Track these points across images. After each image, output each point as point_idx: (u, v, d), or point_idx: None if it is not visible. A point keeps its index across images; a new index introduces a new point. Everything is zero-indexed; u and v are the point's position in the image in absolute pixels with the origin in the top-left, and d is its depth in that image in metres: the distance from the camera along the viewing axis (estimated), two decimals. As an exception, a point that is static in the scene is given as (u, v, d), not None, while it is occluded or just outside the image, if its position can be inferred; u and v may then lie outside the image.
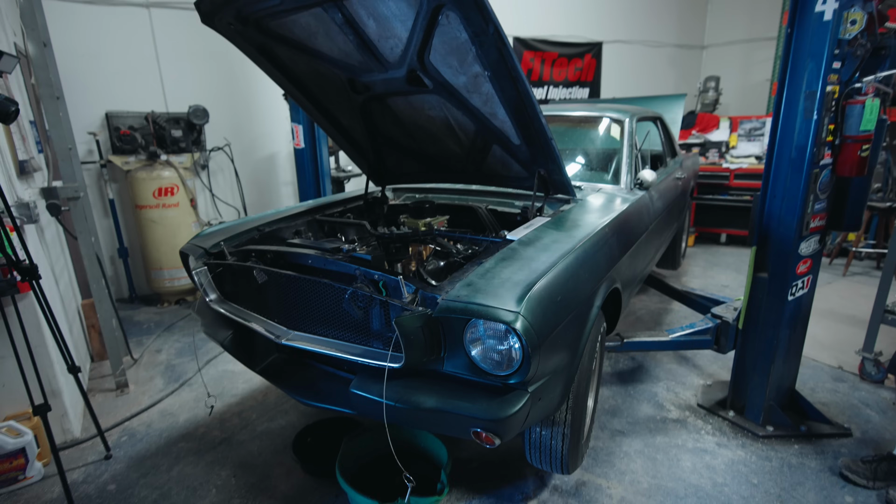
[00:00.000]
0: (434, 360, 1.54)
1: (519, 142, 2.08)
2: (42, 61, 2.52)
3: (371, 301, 1.64)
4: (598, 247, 1.92)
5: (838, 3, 1.88)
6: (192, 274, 2.15)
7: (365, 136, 2.57)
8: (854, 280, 4.70)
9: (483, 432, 1.44)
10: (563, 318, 1.56)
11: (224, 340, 2.05)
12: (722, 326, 2.54)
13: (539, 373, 1.48)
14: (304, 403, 1.82)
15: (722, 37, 7.88)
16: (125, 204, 4.47)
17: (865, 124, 1.99)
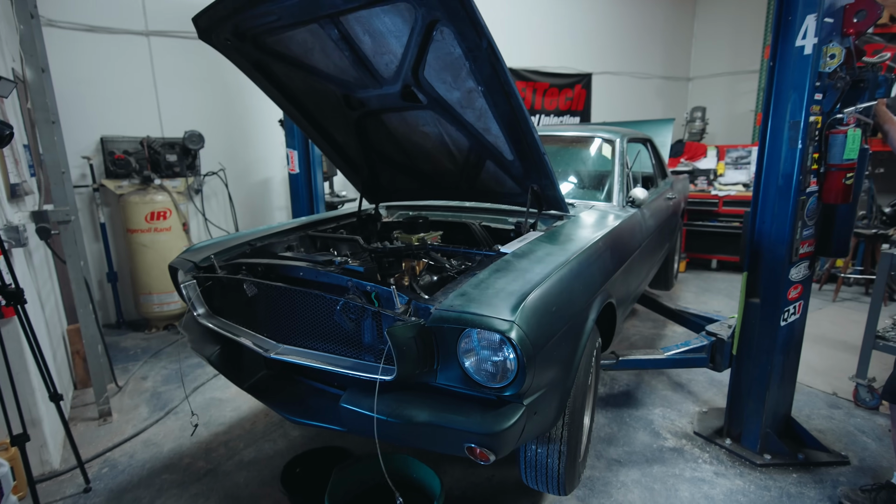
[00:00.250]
0: (427, 372, 1.50)
1: (512, 157, 2.08)
2: (39, 86, 2.54)
3: (363, 312, 1.61)
4: (592, 259, 1.92)
5: (817, 38, 1.95)
6: (181, 287, 2.10)
7: (359, 153, 2.57)
8: (844, 306, 4.73)
9: (477, 448, 1.39)
10: (559, 328, 1.54)
11: (211, 356, 1.99)
12: (717, 344, 2.53)
13: (534, 385, 1.44)
14: (292, 421, 1.75)
15: (707, 69, 8.15)
16: (116, 228, 4.44)
17: (848, 153, 2.04)
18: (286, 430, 2.72)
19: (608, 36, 7.35)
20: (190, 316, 2.18)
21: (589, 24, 7.16)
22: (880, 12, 1.95)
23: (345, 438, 2.62)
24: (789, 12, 2.03)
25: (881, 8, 1.96)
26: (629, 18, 7.48)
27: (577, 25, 7.05)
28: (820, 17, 1.94)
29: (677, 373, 3.33)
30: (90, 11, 4.16)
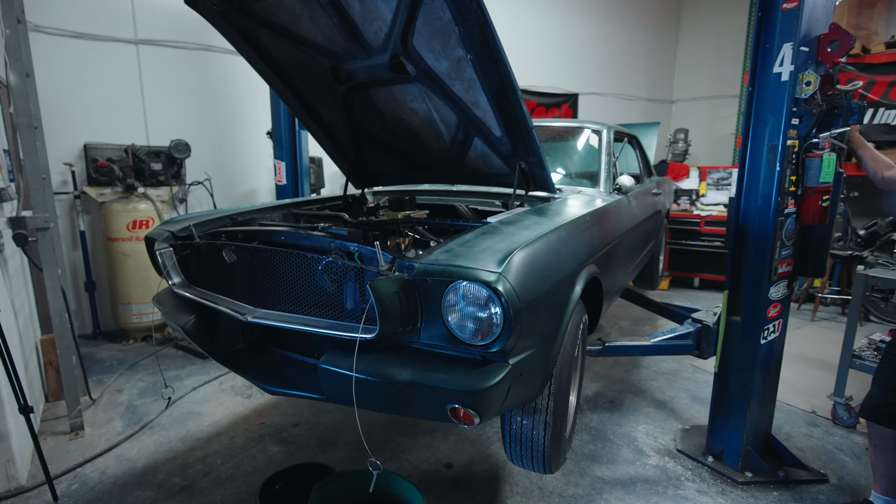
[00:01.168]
0: (410, 331, 1.45)
1: (500, 133, 2.06)
2: (23, 91, 2.51)
3: (345, 273, 1.54)
4: (579, 231, 1.92)
5: (794, 65, 2.03)
6: (157, 254, 2.03)
7: (346, 132, 2.52)
8: (822, 325, 4.83)
9: (461, 408, 1.35)
10: (545, 288, 1.52)
11: (186, 324, 1.91)
12: (703, 330, 2.55)
13: (520, 345, 1.41)
14: (268, 391, 1.69)
15: (689, 93, 8.38)
16: (97, 236, 4.35)
17: (824, 176, 2.11)
18: (265, 445, 2.66)
19: (595, 58, 7.54)
20: (164, 290, 2.12)
21: (576, 46, 7.34)
22: (852, 43, 2.04)
23: (326, 454, 2.57)
24: (767, 40, 2.11)
25: (853, 39, 2.04)
26: (615, 42, 7.69)
27: (565, 47, 7.21)
28: (796, 46, 2.01)
29: (660, 389, 3.35)
30: (79, 18, 4.13)
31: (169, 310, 2.07)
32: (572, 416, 2.12)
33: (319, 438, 2.73)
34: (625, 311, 5.25)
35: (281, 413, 3.00)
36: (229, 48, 4.82)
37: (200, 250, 2.00)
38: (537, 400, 1.72)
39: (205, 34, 4.71)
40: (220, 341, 1.96)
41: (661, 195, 4.13)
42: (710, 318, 2.59)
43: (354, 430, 2.81)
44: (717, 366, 2.47)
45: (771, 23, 2.09)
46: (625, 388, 3.39)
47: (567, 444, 2.04)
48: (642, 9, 7.86)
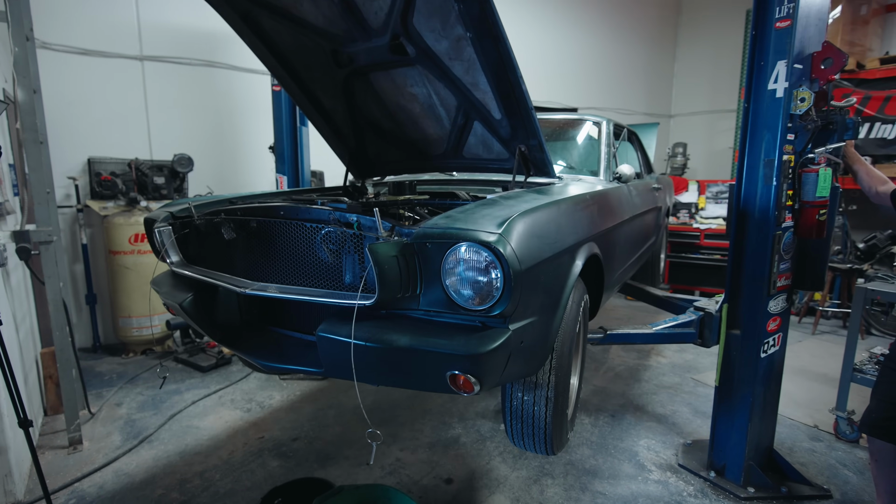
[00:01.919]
0: (409, 297, 1.44)
1: (500, 115, 2.06)
2: (30, 107, 2.54)
3: (344, 242, 1.53)
4: (580, 206, 1.92)
5: (788, 82, 2.07)
6: (155, 232, 2.02)
7: (347, 119, 2.53)
8: (823, 338, 4.82)
9: (461, 375, 1.33)
10: (545, 255, 1.51)
11: (183, 301, 1.89)
12: (706, 318, 2.53)
13: (521, 312, 1.40)
14: (265, 367, 1.68)
15: (687, 108, 8.47)
16: (98, 249, 4.37)
17: (821, 191, 2.13)
18: (265, 459, 2.64)
19: (593, 73, 7.64)
20: (162, 274, 2.10)
21: (575, 61, 7.44)
22: (845, 60, 2.08)
23: (326, 469, 2.55)
24: (761, 58, 2.15)
25: (846, 56, 2.08)
26: (613, 57, 7.79)
27: (564, 62, 7.31)
28: (790, 63, 2.05)
29: (661, 403, 3.34)
30: (86, 35, 4.21)
31: (166, 290, 2.06)
32: (574, 398, 2.09)
33: (319, 453, 2.71)
34: (626, 325, 5.24)
35: (280, 427, 2.99)
36: (232, 64, 4.91)
37: (199, 229, 2.00)
38: (539, 375, 1.70)
39: (209, 50, 4.79)
40: (217, 319, 1.94)
41: (662, 191, 4.16)
42: (712, 306, 2.57)
43: (355, 444, 2.80)
44: (718, 379, 2.46)
45: (765, 41, 2.13)
46: (626, 401, 3.37)
47: (570, 426, 2.00)
48: (640, 24, 7.98)
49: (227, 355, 4.06)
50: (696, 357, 4.27)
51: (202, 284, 1.92)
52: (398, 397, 3.41)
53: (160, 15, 4.52)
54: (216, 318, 1.96)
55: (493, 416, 3.13)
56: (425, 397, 3.40)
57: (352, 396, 3.42)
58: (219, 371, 3.87)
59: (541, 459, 2.65)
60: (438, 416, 3.13)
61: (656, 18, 8.21)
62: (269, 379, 3.73)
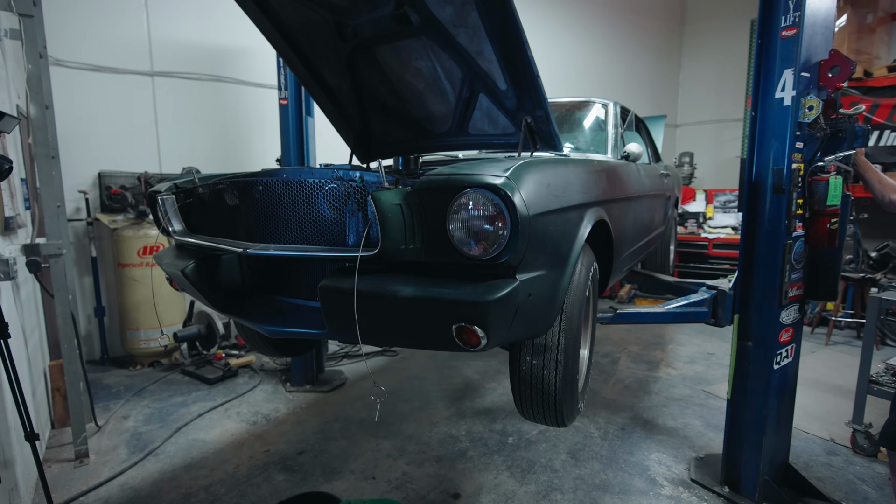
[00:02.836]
0: (413, 249, 1.39)
1: (506, 86, 2.03)
2: (42, 122, 2.59)
3: (347, 199, 1.49)
4: (587, 170, 1.89)
5: (795, 90, 2.05)
6: (159, 200, 2.01)
7: (351, 98, 2.53)
8: (837, 349, 4.73)
9: (467, 327, 1.28)
10: (553, 206, 1.47)
11: (185, 268, 1.86)
12: (718, 296, 2.47)
13: (528, 262, 1.37)
14: (268, 332, 1.64)
15: (693, 117, 8.46)
16: (108, 262, 4.41)
17: (831, 199, 2.10)
18: (270, 473, 2.62)
19: (599, 83, 7.66)
20: (164, 249, 2.08)
21: (581, 72, 7.47)
22: (853, 68, 2.06)
23: (332, 483, 2.52)
24: (768, 67, 2.14)
25: (854, 64, 2.07)
26: (619, 67, 7.82)
27: (569, 72, 7.34)
28: (797, 72, 2.04)
29: (672, 415, 3.28)
30: (98, 52, 4.29)
31: (169, 261, 2.04)
32: (585, 370, 2.04)
33: (325, 467, 2.68)
34: (634, 336, 5.19)
35: (286, 440, 2.97)
36: (240, 79, 4.98)
37: (202, 199, 1.99)
38: (548, 337, 1.67)
39: (218, 66, 4.86)
40: (220, 288, 1.91)
41: (671, 179, 4.14)
42: (725, 285, 2.52)
43: (361, 458, 2.77)
44: (730, 392, 2.41)
45: (771, 49, 2.13)
46: (635, 414, 3.32)
47: (580, 397, 1.94)
48: (644, 35, 8.02)
49: (234, 367, 4.06)
50: (706, 369, 4.21)
51: (204, 253, 1.91)
52: (405, 410, 3.38)
53: (170, 31, 4.61)
54: (219, 287, 1.93)
55: (501, 431, 3.09)
56: (432, 409, 3.36)
57: (357, 409, 3.40)
58: (225, 383, 3.86)
59: (549, 474, 2.60)
60: (445, 429, 3.10)
61: (660, 29, 8.24)
62: (276, 391, 3.71)
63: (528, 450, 2.85)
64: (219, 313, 1.97)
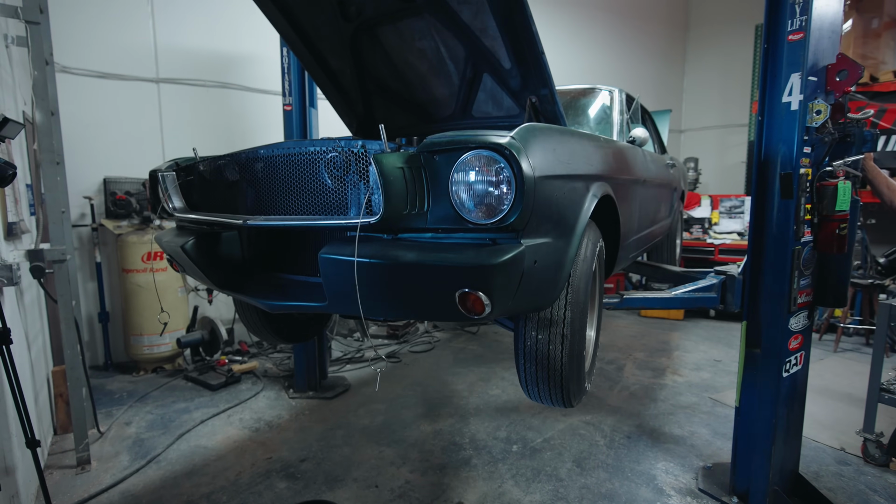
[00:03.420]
0: (416, 215, 1.36)
1: (510, 64, 2.01)
2: (47, 129, 2.60)
3: (348, 167, 1.46)
4: (593, 143, 1.86)
5: (803, 95, 2.03)
6: (160, 178, 1.99)
7: (354, 81, 2.50)
8: (846, 356, 4.67)
9: (471, 293, 1.24)
10: (558, 171, 1.44)
11: (185, 244, 1.83)
12: (728, 281, 2.43)
13: (533, 227, 1.34)
14: (269, 307, 1.61)
15: (697, 123, 8.43)
16: (112, 268, 4.41)
17: (840, 204, 2.07)
18: (272, 481, 2.59)
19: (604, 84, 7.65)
20: (164, 230, 2.06)
21: (585, 76, 7.46)
22: (861, 72, 2.04)
23: (334, 491, 2.50)
24: (774, 71, 2.13)
25: (862, 68, 2.05)
26: (623, 74, 7.81)
27: (573, 79, 7.33)
28: (804, 76, 2.02)
29: (679, 423, 3.24)
30: (104, 59, 4.32)
31: (168, 240, 2.02)
32: (591, 351, 1.99)
33: (327, 474, 2.66)
34: (639, 342, 5.15)
35: (289, 448, 2.94)
36: (245, 85, 5.00)
37: (203, 177, 1.97)
38: (554, 310, 1.62)
39: (223, 72, 4.89)
40: (220, 265, 1.89)
41: (676, 170, 4.12)
42: (734, 270, 2.48)
43: (364, 465, 2.74)
44: (738, 400, 2.38)
45: (777, 54, 2.11)
46: (642, 422, 3.27)
47: (587, 377, 1.89)
48: (648, 40, 8.02)
49: (237, 373, 4.04)
50: (713, 376, 4.16)
51: (204, 230, 1.89)
52: (408, 417, 3.35)
53: (176, 38, 4.64)
54: (219, 263, 1.90)
55: (505, 438, 3.06)
56: (435, 416, 3.34)
57: (360, 416, 3.37)
58: (228, 390, 3.85)
59: (554, 483, 2.57)
60: (449, 437, 3.07)
61: (664, 34, 8.24)
62: (279, 398, 3.70)
63: (532, 458, 2.82)
64: (218, 290, 1.92)
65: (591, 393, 3.76)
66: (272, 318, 2.45)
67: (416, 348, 4.93)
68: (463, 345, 5.08)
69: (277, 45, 3.64)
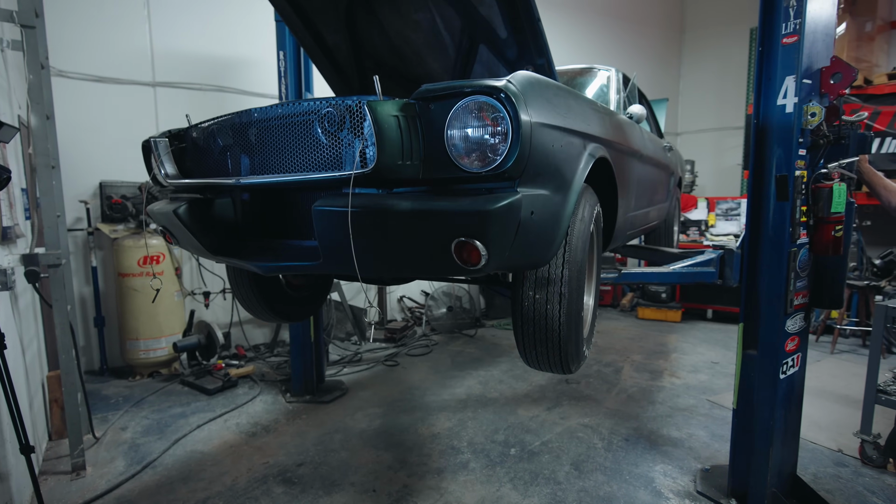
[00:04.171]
0: (410, 166, 1.34)
1: (506, 34, 2.00)
2: (42, 133, 2.59)
3: (343, 121, 1.43)
4: (591, 106, 1.85)
5: (797, 97, 2.04)
6: (152, 143, 1.96)
7: (350, 57, 2.48)
8: (842, 358, 4.68)
9: (467, 242, 1.22)
10: (555, 122, 1.43)
11: (178, 208, 1.81)
12: (726, 256, 2.42)
13: (530, 177, 1.33)
14: (264, 269, 1.60)
15: (694, 125, 8.47)
16: (108, 272, 4.39)
17: (835, 206, 2.08)
18: (269, 486, 2.58)
19: (598, 93, 7.68)
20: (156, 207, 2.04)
21: (580, 82, 7.50)
22: (855, 74, 2.05)
23: (331, 496, 2.48)
24: (769, 74, 2.14)
25: (855, 71, 2.06)
26: (618, 77, 7.84)
27: (568, 83, 7.37)
28: (798, 79, 2.03)
29: (677, 426, 3.23)
30: (100, 63, 4.31)
31: (160, 208, 1.99)
32: (589, 318, 1.97)
33: (324, 479, 2.64)
34: (637, 345, 5.15)
35: (285, 452, 2.93)
36: (242, 88, 5.00)
37: (196, 143, 1.94)
38: (551, 268, 1.61)
39: (219, 76, 4.88)
40: (213, 230, 1.87)
41: (673, 155, 4.12)
42: (732, 244, 2.48)
43: (361, 470, 2.73)
44: (736, 402, 2.38)
45: (772, 56, 2.12)
46: (640, 424, 3.27)
47: (586, 343, 1.87)
48: (645, 42, 8.06)
49: (234, 377, 4.02)
50: (711, 378, 4.16)
51: (197, 195, 1.87)
52: (406, 421, 3.34)
53: (172, 42, 4.63)
54: (212, 228, 1.88)
55: (503, 442, 3.05)
56: (433, 420, 3.33)
57: (358, 420, 3.36)
58: (225, 394, 3.83)
59: (553, 486, 2.56)
60: (447, 441, 3.06)
61: (660, 37, 8.29)
62: (275, 402, 3.68)
63: (530, 461, 2.81)
64: (211, 256, 1.88)
65: (588, 395, 3.76)
66: (267, 293, 2.42)
67: (414, 352, 4.92)
68: (460, 348, 5.07)
69: (274, 49, 3.64)
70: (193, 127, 1.96)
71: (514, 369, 4.38)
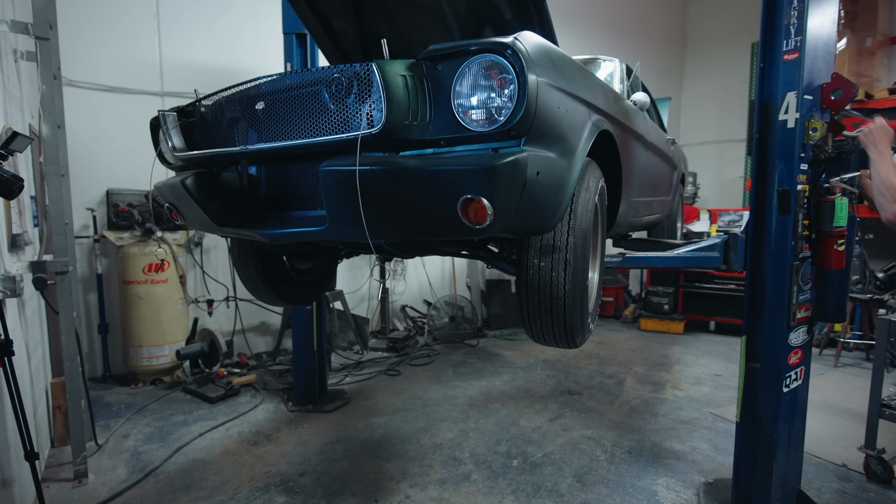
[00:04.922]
0: (418, 126, 1.36)
1: (511, 15, 2.00)
2: (53, 142, 2.63)
3: (351, 85, 1.44)
4: (595, 80, 1.85)
5: (799, 113, 2.07)
6: (160, 116, 1.97)
7: (357, 42, 2.50)
8: (846, 371, 4.66)
9: (474, 200, 1.23)
10: (561, 84, 1.44)
11: (185, 179, 1.81)
12: (731, 240, 2.41)
13: (536, 137, 1.34)
14: (270, 237, 1.61)
15: (696, 137, 8.51)
16: (113, 279, 4.42)
17: (837, 221, 2.10)
18: (271, 496, 2.57)
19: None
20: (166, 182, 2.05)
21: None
22: (855, 91, 2.08)
23: None
24: (770, 89, 2.16)
25: (856, 87, 2.09)
26: (620, 89, 7.91)
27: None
28: (800, 95, 2.06)
29: (680, 438, 3.22)
30: (110, 73, 4.38)
31: (165, 182, 2.00)
32: (595, 294, 1.96)
33: (326, 489, 2.64)
34: (640, 356, 5.14)
35: (287, 461, 2.92)
36: (249, 99, 5.06)
37: (204, 117, 1.94)
38: (556, 235, 1.61)
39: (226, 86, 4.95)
40: (220, 202, 1.88)
41: (676, 149, 4.14)
42: (737, 229, 2.48)
43: (363, 480, 2.72)
44: (739, 415, 2.37)
45: (773, 73, 2.15)
46: (642, 437, 3.26)
47: (591, 318, 1.85)
48: (648, 55, 8.12)
49: (236, 386, 4.03)
50: (714, 390, 4.15)
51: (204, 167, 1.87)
52: (408, 431, 3.33)
53: (181, 53, 4.71)
54: (218, 199, 1.88)
55: (505, 453, 3.04)
56: (435, 430, 3.32)
57: (360, 429, 3.36)
58: (227, 402, 3.83)
59: (555, 498, 2.55)
60: (449, 451, 3.05)
61: (662, 50, 8.36)
62: (278, 411, 3.68)
63: (532, 473, 2.80)
64: (217, 229, 1.89)
65: (591, 407, 3.75)
66: (272, 275, 2.42)
67: (416, 361, 4.92)
68: (462, 358, 5.06)
69: (280, 60, 3.70)
70: (201, 100, 1.97)
71: (517, 380, 4.37)
